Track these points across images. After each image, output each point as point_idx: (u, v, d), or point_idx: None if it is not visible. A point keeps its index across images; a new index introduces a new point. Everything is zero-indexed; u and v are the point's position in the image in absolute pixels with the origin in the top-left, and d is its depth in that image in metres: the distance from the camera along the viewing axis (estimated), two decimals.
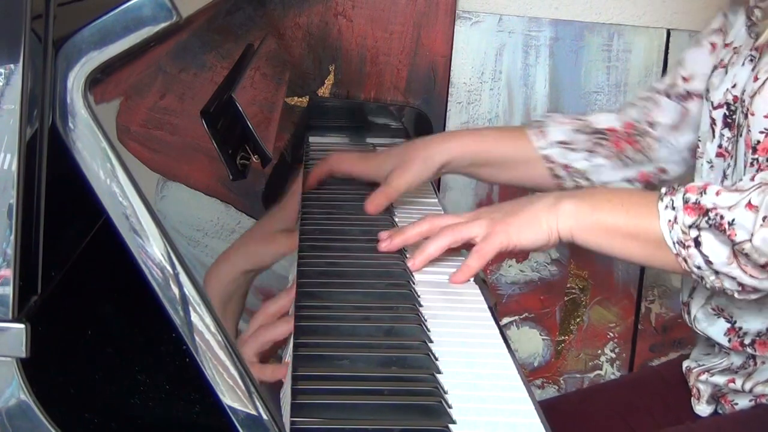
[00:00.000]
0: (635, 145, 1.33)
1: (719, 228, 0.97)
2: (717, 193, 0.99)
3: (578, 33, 1.83)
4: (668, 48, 1.84)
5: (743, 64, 1.14)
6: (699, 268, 1.00)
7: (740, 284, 0.99)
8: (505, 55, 1.83)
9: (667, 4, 1.83)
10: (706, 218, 0.98)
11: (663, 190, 1.03)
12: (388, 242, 1.12)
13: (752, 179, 1.01)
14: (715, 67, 1.21)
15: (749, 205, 0.96)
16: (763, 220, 0.95)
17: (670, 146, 1.32)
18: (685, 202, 1.00)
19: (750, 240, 0.95)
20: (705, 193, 0.99)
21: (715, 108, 1.17)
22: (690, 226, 0.99)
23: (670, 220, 1.00)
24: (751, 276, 0.97)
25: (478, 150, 1.35)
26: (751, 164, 1.09)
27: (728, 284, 0.99)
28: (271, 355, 0.81)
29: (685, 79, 1.29)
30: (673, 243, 1.00)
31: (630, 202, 1.06)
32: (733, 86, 1.15)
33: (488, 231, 1.08)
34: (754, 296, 1.01)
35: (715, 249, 0.98)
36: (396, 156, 1.33)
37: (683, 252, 1.00)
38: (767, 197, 0.95)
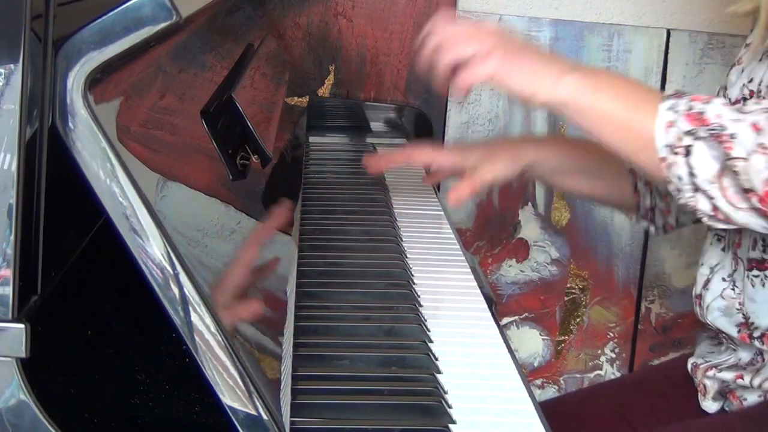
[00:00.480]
0: None
1: (717, 138, 0.95)
2: (723, 105, 0.96)
3: (578, 33, 1.83)
4: (668, 48, 1.84)
5: (761, 59, 1.14)
6: (680, 178, 0.97)
7: (714, 207, 0.96)
8: None
9: (667, 4, 1.83)
10: (707, 127, 0.95)
11: (669, 91, 1.01)
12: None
13: (757, 103, 0.98)
14: (733, 65, 1.20)
15: (754, 125, 0.94)
16: (760, 147, 0.92)
17: None
18: (689, 109, 0.97)
19: (746, 158, 0.93)
20: (710, 103, 0.97)
21: (732, 104, 1.16)
22: (686, 133, 0.96)
23: (668, 122, 0.97)
24: (729, 202, 0.95)
25: (568, 155, 1.32)
26: None
27: (702, 205, 0.97)
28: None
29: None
30: (663, 145, 0.97)
31: (633, 93, 1.03)
32: (750, 81, 1.14)
33: (486, 52, 1.04)
34: (721, 225, 0.98)
35: (704, 162, 0.95)
36: (482, 150, 1.30)
37: (670, 157, 0.97)
38: None
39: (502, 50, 1.05)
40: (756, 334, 1.13)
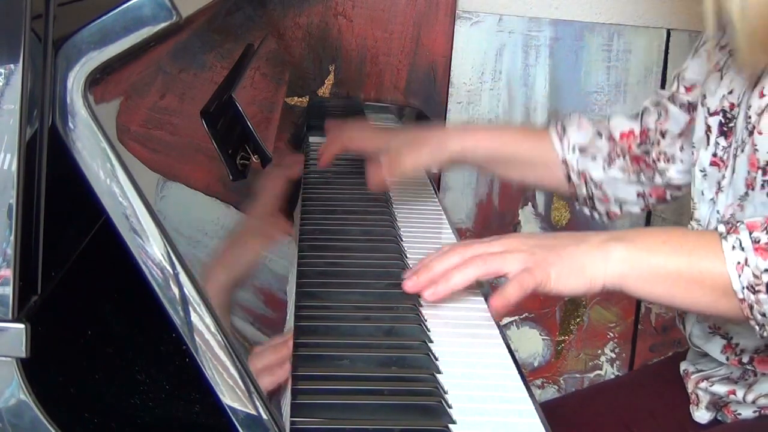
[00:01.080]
0: (647, 169, 1.28)
1: None
2: None
3: (578, 33, 1.83)
4: (668, 48, 1.84)
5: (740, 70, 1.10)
6: (764, 315, 0.92)
7: None
8: (505, 55, 1.83)
9: (667, 4, 1.83)
10: None
11: (722, 228, 0.95)
12: (413, 280, 1.01)
13: None
14: (710, 72, 1.16)
15: None
16: None
17: (679, 163, 1.26)
18: (755, 242, 0.91)
19: None
20: None
21: (711, 115, 1.13)
22: (765, 270, 0.91)
23: (739, 263, 0.92)
24: None
25: (495, 146, 1.32)
26: (762, 187, 1.04)
27: None
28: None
29: (687, 89, 1.24)
30: (741, 288, 0.92)
31: (688, 243, 0.95)
32: (730, 92, 1.10)
33: (526, 268, 0.97)
34: None
35: None
36: (408, 136, 1.32)
37: (752, 297, 0.92)
38: None
39: (528, 256, 0.98)
40: (745, 358, 1.11)
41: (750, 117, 1.06)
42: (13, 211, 0.62)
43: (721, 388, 1.15)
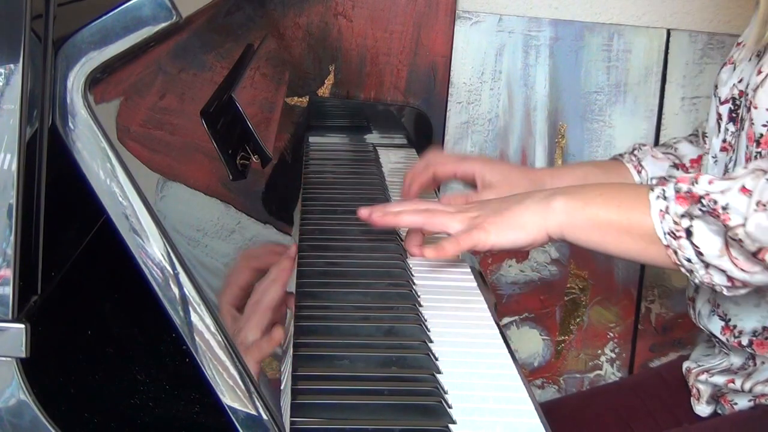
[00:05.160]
0: None
1: (713, 214, 0.95)
2: (710, 182, 0.96)
3: (578, 33, 1.83)
4: (668, 48, 1.84)
5: (750, 59, 1.14)
6: (689, 260, 0.97)
7: (730, 278, 0.96)
8: (505, 55, 1.83)
9: (667, 4, 1.83)
10: (699, 205, 0.96)
11: (654, 181, 1.02)
12: (368, 210, 1.09)
13: (745, 167, 0.99)
14: (724, 64, 1.20)
15: (743, 189, 0.94)
16: (757, 205, 0.92)
17: None
18: (677, 191, 0.98)
19: (743, 225, 0.93)
20: (697, 182, 0.97)
21: (722, 103, 1.17)
22: (682, 216, 0.97)
23: (661, 210, 0.98)
24: (741, 270, 0.95)
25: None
26: (754, 157, 1.08)
27: (718, 278, 0.97)
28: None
29: None
30: (664, 234, 0.98)
31: (621, 195, 1.03)
32: (740, 81, 1.15)
33: (466, 228, 1.05)
34: (742, 291, 0.98)
35: (707, 239, 0.96)
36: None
37: (674, 243, 0.98)
38: (761, 182, 0.93)
39: (469, 219, 1.06)
40: (744, 341, 1.13)
41: (748, 94, 1.10)
42: (13, 211, 0.62)
43: (720, 379, 1.17)
